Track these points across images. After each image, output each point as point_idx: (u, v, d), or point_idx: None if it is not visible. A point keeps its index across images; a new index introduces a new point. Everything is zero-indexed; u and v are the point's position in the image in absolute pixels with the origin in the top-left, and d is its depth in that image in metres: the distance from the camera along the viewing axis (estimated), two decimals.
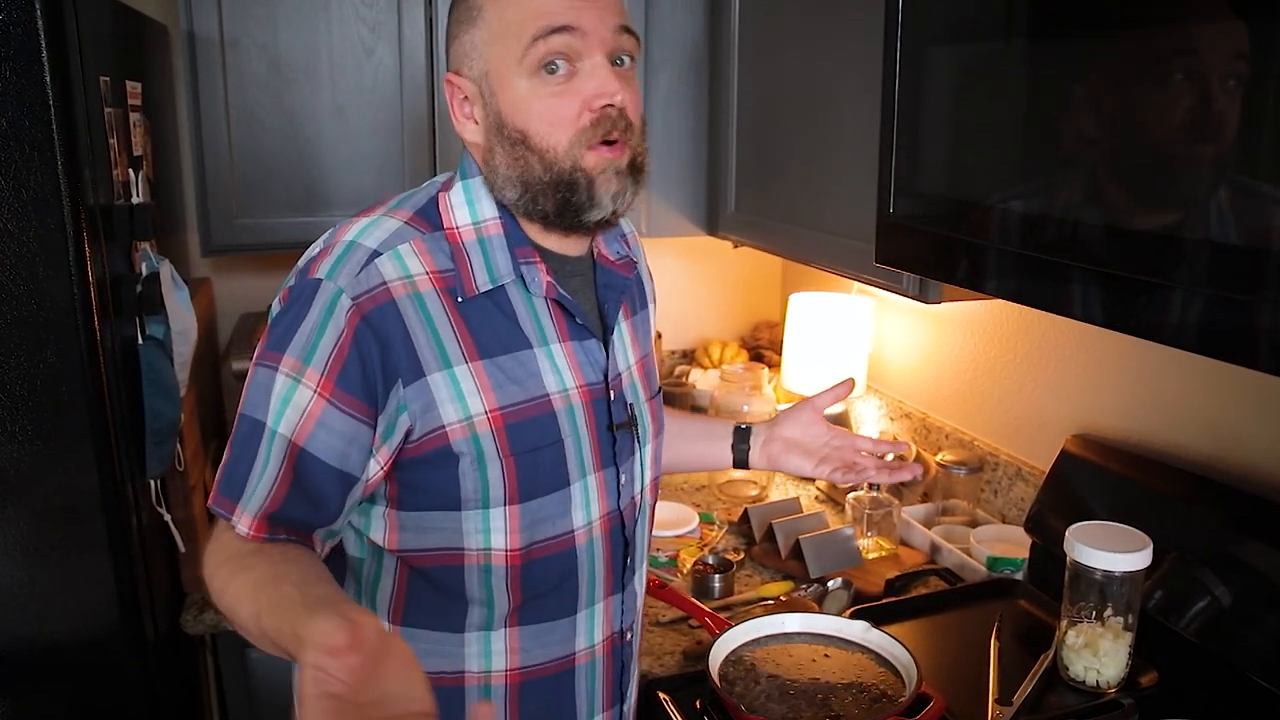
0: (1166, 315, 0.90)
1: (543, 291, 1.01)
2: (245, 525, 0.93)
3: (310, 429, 0.92)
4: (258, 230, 1.83)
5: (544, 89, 0.95)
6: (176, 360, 1.46)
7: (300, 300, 0.94)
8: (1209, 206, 0.85)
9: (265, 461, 0.93)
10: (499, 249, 1.00)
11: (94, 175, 1.28)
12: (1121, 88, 0.92)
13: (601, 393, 1.06)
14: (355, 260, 0.94)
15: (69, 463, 1.28)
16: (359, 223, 0.99)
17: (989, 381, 1.82)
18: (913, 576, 1.63)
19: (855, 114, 1.50)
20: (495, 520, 0.99)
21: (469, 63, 0.99)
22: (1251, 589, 1.22)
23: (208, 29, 1.71)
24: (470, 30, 0.98)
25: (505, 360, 0.98)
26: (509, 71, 0.96)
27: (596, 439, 1.05)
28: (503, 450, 0.97)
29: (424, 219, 1.00)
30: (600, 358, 1.06)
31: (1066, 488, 1.52)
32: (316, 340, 0.92)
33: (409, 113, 1.86)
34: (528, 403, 0.99)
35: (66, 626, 1.33)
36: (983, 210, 1.10)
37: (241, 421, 0.95)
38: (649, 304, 1.23)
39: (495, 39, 0.96)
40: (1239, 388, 1.34)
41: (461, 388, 0.95)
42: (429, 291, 0.96)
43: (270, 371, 0.93)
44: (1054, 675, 1.29)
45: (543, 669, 1.06)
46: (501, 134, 0.98)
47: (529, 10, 0.94)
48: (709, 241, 2.11)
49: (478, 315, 0.98)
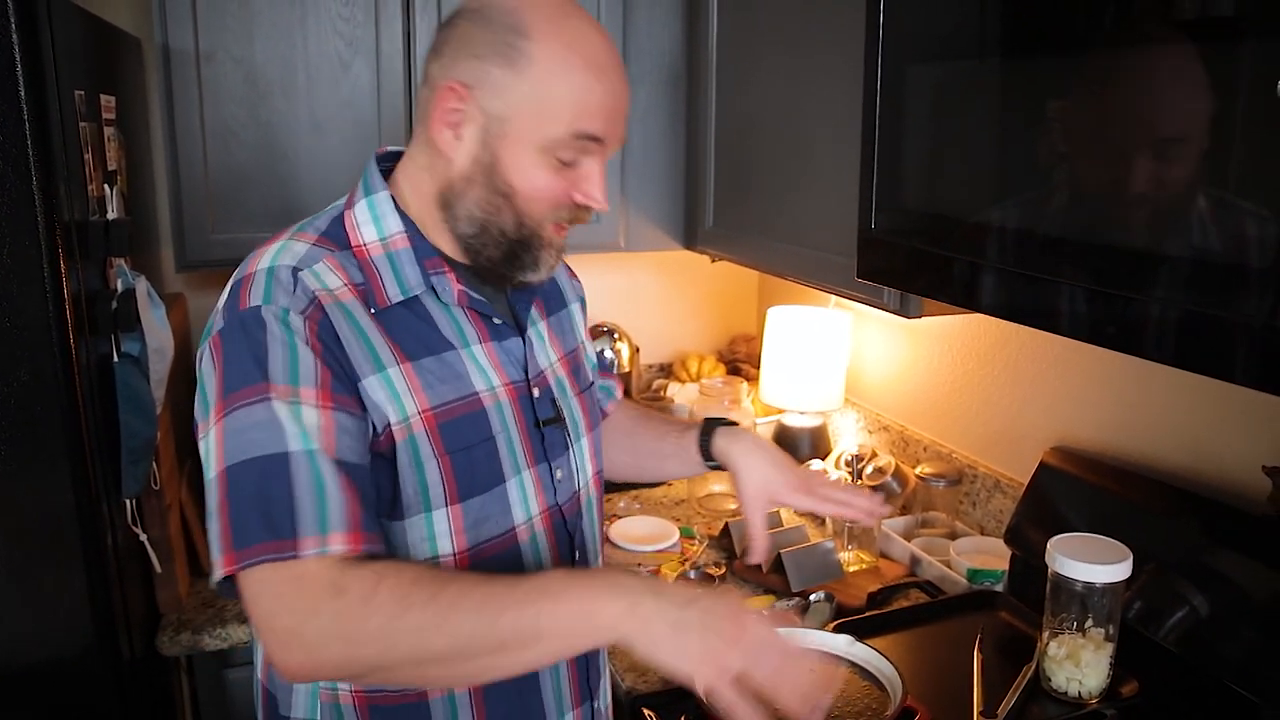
0: (1148, 330, 0.91)
1: (455, 300, 1.02)
2: (340, 542, 0.86)
3: (334, 440, 0.90)
4: (233, 245, 1.80)
5: (549, 167, 0.98)
6: (152, 378, 1.44)
7: (247, 332, 0.91)
8: (1188, 222, 0.86)
9: (316, 479, 0.87)
10: (408, 263, 1.01)
11: (69, 190, 1.26)
12: (1097, 105, 0.94)
13: (525, 389, 1.07)
14: (283, 281, 0.94)
15: (44, 482, 1.26)
16: (267, 251, 0.99)
17: (967, 394, 1.84)
18: (894, 589, 1.64)
19: (833, 129, 1.51)
20: (439, 524, 1.00)
21: (488, 94, 0.96)
22: (1228, 599, 1.23)
23: (183, 42, 1.70)
24: (505, 69, 0.95)
25: (431, 362, 1.00)
26: (529, 139, 0.97)
27: (526, 435, 1.06)
28: (437, 449, 0.98)
29: (330, 239, 1.01)
30: (520, 355, 1.08)
31: (1045, 500, 1.53)
32: (294, 359, 0.91)
33: (386, 127, 1.85)
34: (458, 401, 1.00)
35: (41, 647, 1.31)
36: (965, 226, 1.11)
37: (242, 469, 0.87)
38: (570, 304, 1.25)
39: (532, 103, 0.96)
40: (1215, 400, 1.36)
41: (396, 388, 0.96)
42: (350, 301, 0.97)
43: (262, 404, 0.88)
44: (1036, 686, 1.30)
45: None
46: (489, 178, 0.99)
47: (577, 103, 0.96)
48: (685, 255, 2.12)
49: (397, 322, 0.99)
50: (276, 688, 1.07)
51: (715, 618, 0.85)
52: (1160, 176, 0.89)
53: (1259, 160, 0.80)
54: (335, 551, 0.86)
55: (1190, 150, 0.86)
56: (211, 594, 1.68)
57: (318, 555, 0.85)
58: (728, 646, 0.83)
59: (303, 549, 0.84)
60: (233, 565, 0.85)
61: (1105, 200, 0.95)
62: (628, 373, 2.36)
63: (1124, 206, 0.93)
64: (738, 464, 1.24)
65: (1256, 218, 0.80)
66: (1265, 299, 0.79)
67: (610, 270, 2.42)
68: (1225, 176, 0.84)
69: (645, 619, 0.84)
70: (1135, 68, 0.91)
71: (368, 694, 1.02)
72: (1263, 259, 0.79)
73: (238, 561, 0.85)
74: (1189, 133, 0.86)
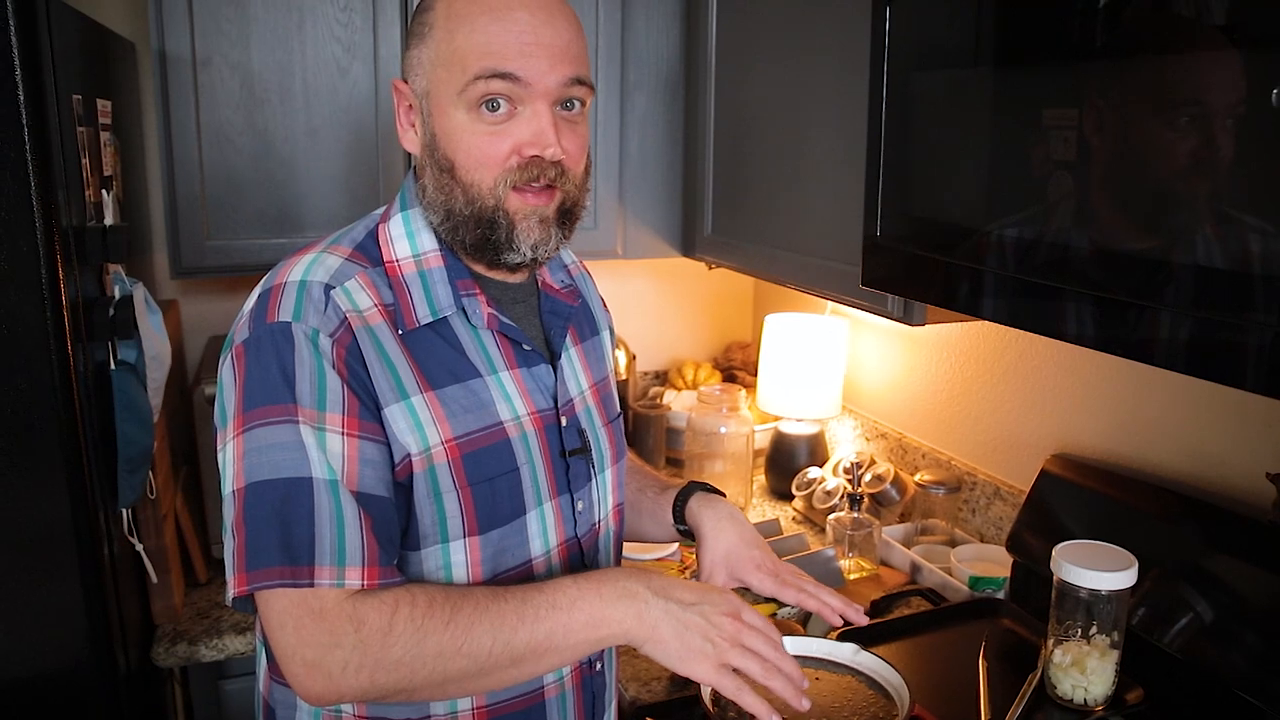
0: (1157, 337, 0.91)
1: (484, 323, 1.01)
2: (357, 577, 0.86)
3: (357, 470, 0.89)
4: (229, 252, 1.79)
5: (480, 125, 0.95)
6: (150, 386, 1.43)
7: (275, 348, 0.90)
8: (1197, 231, 0.86)
9: (337, 511, 0.87)
10: (440, 282, 0.99)
11: (67, 196, 1.25)
12: (1107, 115, 0.94)
13: (553, 419, 1.05)
14: (314, 298, 0.92)
15: (40, 491, 1.24)
16: (301, 261, 0.97)
17: (966, 402, 1.84)
18: (896, 597, 1.63)
19: (834, 136, 1.51)
20: (456, 555, 0.98)
21: (414, 76, 0.99)
22: (1232, 604, 1.24)
23: (179, 47, 1.68)
24: (419, 45, 0.98)
25: (456, 390, 0.98)
26: (447, 100, 0.95)
27: (551, 466, 1.04)
28: (459, 481, 0.96)
29: (364, 254, 1.00)
30: (550, 383, 1.06)
31: (1047, 507, 1.53)
32: (321, 384, 0.89)
33: (384, 134, 1.84)
34: (482, 431, 0.98)
35: (36, 659, 1.29)
36: (973, 233, 1.11)
37: (264, 488, 0.87)
38: (601, 331, 1.23)
39: (440, 62, 0.95)
40: (1216, 407, 1.36)
41: (419, 418, 0.94)
42: (379, 324, 0.95)
43: (288, 426, 0.88)
44: (1042, 694, 1.29)
45: (510, 704, 1.04)
46: (433, 157, 0.98)
47: (476, 46, 0.93)
48: (681, 262, 2.11)
49: (423, 346, 0.97)
50: (277, 702, 1.05)
51: (717, 616, 0.92)
52: (1173, 187, 0.90)
53: (1255, 169, 0.81)
54: (351, 586, 0.86)
55: (1194, 160, 0.86)
56: (207, 605, 1.66)
57: (332, 587, 0.86)
58: (729, 644, 0.91)
59: (318, 578, 0.85)
60: (245, 586, 0.86)
61: (1120, 210, 0.95)
62: (625, 380, 2.35)
63: (1139, 216, 0.93)
64: (705, 531, 1.16)
65: (1260, 231, 0.80)
66: (1273, 307, 0.80)
67: (604, 278, 2.41)
68: (1227, 187, 0.84)
69: (652, 624, 0.90)
70: (1137, 75, 0.91)
71: (369, 713, 1.01)
72: (1268, 267, 0.80)
73: (251, 582, 0.85)
74: (1203, 146, 0.86)
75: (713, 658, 0.90)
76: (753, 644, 0.92)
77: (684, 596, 0.93)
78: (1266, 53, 0.80)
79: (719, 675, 0.90)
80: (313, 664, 0.85)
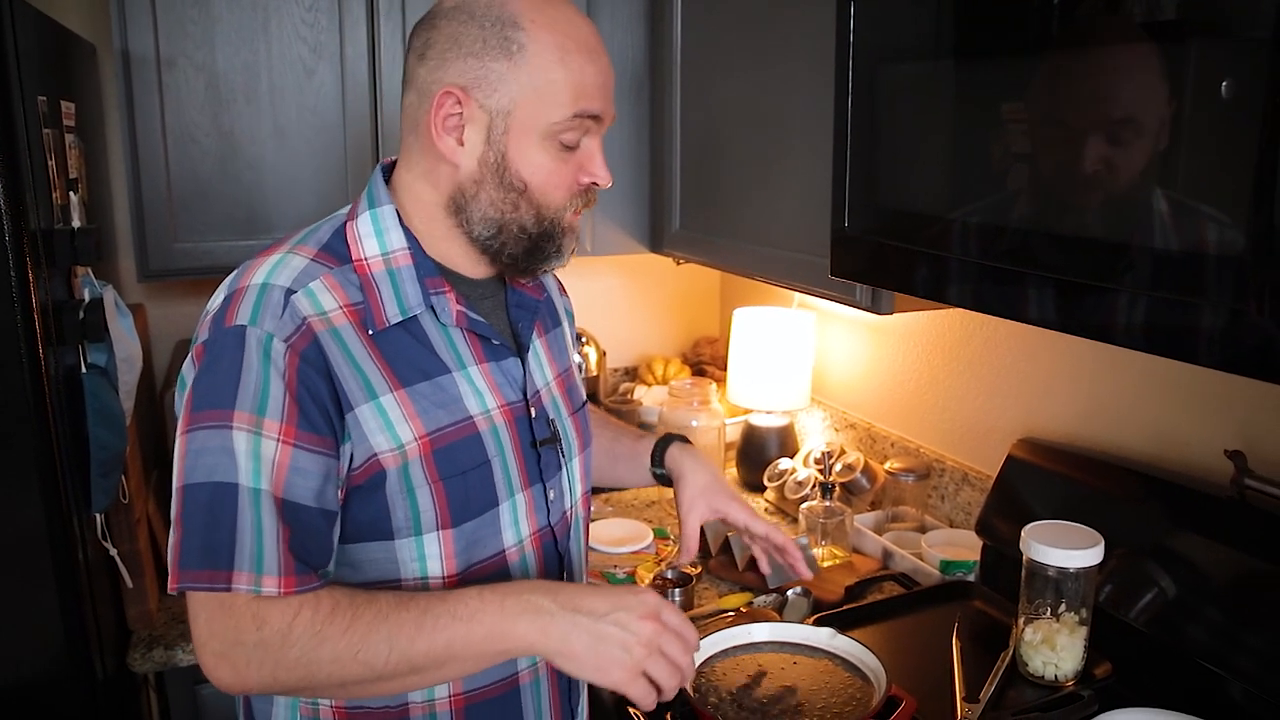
0: (1117, 317, 0.94)
1: (453, 321, 1.02)
2: (274, 585, 0.88)
3: (285, 478, 0.90)
4: (196, 254, 1.78)
5: (560, 154, 1.00)
6: (121, 389, 1.42)
7: (227, 352, 0.91)
8: (1153, 217, 0.90)
9: (257, 520, 0.89)
10: (409, 280, 1.00)
11: (35, 198, 1.24)
12: (1064, 106, 0.97)
13: (522, 410, 1.07)
14: (273, 302, 0.93)
15: (13, 497, 1.23)
16: (264, 263, 0.97)
17: (933, 390, 1.87)
18: (869, 582, 1.66)
19: (800, 130, 1.54)
20: (430, 547, 0.99)
21: (487, 91, 0.96)
22: (1195, 579, 1.28)
23: (143, 48, 1.67)
24: (502, 61, 0.95)
25: (426, 387, 0.99)
26: (535, 127, 0.97)
27: (522, 457, 1.06)
28: (431, 476, 0.98)
29: (330, 253, 1.00)
30: (518, 375, 1.08)
31: (1014, 491, 1.57)
32: (265, 390, 0.90)
33: (351, 134, 1.84)
34: (453, 426, 1.00)
35: (12, 666, 1.28)
36: (938, 221, 1.13)
37: (197, 490, 0.89)
38: (562, 321, 1.26)
39: (533, 91, 0.96)
40: (1176, 388, 1.40)
41: (390, 416, 0.96)
42: (344, 325, 0.95)
43: (223, 431, 0.89)
44: (1014, 672, 1.33)
45: (486, 691, 1.05)
46: (500, 176, 0.99)
47: (575, 84, 0.97)
48: (647, 258, 2.13)
49: (392, 345, 0.98)
50: (256, 701, 1.06)
51: (635, 623, 0.91)
52: (1128, 174, 0.93)
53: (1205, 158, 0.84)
54: (267, 593, 0.89)
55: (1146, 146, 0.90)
56: (181, 609, 1.64)
57: (248, 592, 0.88)
58: (647, 652, 0.91)
59: (235, 583, 0.88)
60: (176, 583, 0.89)
61: (1078, 195, 0.98)
62: (595, 377, 2.36)
63: (1096, 201, 0.96)
64: (684, 470, 1.28)
65: (1212, 218, 0.84)
66: (1224, 285, 0.83)
67: (573, 275, 2.41)
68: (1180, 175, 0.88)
69: (560, 637, 0.90)
70: (1093, 66, 0.94)
71: (348, 709, 1.02)
72: (1220, 249, 0.83)
73: (181, 580, 0.89)
74: (1144, 130, 0.90)
75: (629, 667, 0.90)
76: (669, 650, 0.92)
77: (596, 606, 0.92)
78: (1215, 46, 0.83)
79: (633, 684, 0.90)
80: (220, 655, 0.89)
